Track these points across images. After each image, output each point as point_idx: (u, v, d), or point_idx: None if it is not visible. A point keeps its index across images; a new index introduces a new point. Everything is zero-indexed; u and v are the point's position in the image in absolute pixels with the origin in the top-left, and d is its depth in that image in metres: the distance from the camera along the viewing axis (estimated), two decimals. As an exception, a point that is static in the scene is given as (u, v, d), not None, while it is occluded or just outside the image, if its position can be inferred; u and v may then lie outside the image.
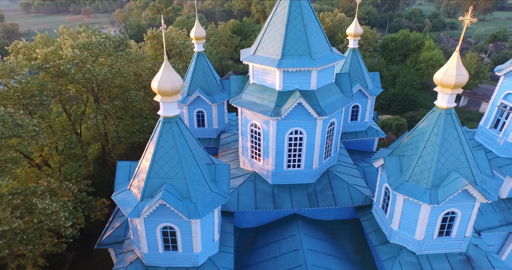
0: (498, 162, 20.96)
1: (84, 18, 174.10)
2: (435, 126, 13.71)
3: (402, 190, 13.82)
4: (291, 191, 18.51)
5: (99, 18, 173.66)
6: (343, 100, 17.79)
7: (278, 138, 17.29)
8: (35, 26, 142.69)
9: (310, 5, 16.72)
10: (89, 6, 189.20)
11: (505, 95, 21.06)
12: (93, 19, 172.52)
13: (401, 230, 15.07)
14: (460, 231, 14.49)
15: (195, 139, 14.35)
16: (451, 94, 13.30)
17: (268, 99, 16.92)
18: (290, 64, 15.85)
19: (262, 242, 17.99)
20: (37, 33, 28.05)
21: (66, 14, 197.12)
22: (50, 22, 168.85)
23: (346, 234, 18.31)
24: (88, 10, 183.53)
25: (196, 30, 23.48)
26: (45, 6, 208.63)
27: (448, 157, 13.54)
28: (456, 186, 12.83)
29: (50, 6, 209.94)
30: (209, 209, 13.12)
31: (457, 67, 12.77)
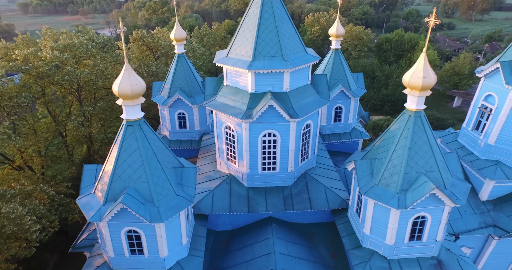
0: (479, 164, 20.77)
1: (82, 19, 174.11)
2: (405, 129, 13.49)
3: (371, 194, 13.59)
4: (266, 194, 18.29)
5: (97, 18, 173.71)
6: (319, 101, 17.57)
7: (252, 141, 17.08)
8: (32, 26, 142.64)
9: (283, 6, 16.52)
10: (87, 7, 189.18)
11: (485, 96, 20.88)
12: (91, 19, 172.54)
13: (372, 235, 14.84)
14: (431, 235, 14.25)
15: (161, 142, 14.15)
16: (419, 96, 13.08)
17: (240, 101, 16.71)
18: (261, 65, 15.65)
19: (236, 245, 17.78)
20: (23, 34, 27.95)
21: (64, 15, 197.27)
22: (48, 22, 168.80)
23: (323, 238, 18.08)
24: (86, 11, 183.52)
25: (176, 31, 23.31)
26: (43, 6, 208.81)
27: (417, 161, 13.31)
28: (423, 191, 12.61)
29: (48, 7, 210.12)
30: (173, 213, 12.92)
31: (424, 69, 12.56)
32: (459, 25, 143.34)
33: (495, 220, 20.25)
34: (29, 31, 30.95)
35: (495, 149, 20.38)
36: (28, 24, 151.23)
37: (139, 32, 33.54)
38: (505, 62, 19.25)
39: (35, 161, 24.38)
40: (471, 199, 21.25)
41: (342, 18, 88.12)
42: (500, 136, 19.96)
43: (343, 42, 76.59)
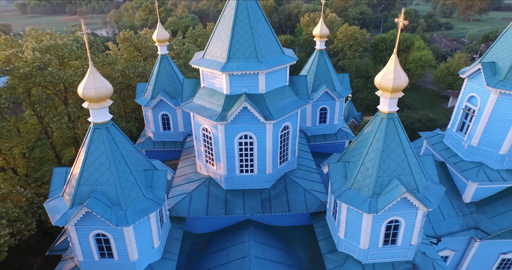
0: (462, 166, 20.59)
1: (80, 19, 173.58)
2: (377, 131, 13.30)
3: (343, 198, 13.40)
4: (244, 196, 18.10)
5: (95, 18, 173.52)
6: (297, 103, 17.37)
7: (228, 143, 16.90)
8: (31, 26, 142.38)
9: (258, 7, 16.33)
10: (85, 7, 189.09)
11: (468, 97, 20.70)
12: (89, 19, 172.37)
13: (347, 239, 14.65)
14: (405, 239, 14.04)
15: (132, 144, 13.97)
16: (391, 98, 12.88)
17: (216, 103, 16.54)
18: (235, 67, 15.46)
19: (214, 248, 17.60)
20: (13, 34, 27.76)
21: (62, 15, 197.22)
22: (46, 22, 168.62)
23: (301, 241, 17.88)
24: (84, 11, 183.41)
25: (158, 32, 23.14)
26: (41, 6, 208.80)
27: (390, 164, 13.10)
28: (395, 195, 12.40)
29: (46, 7, 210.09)
30: (140, 216, 12.76)
31: (395, 71, 12.35)
32: (457, 25, 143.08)
33: (477, 222, 20.05)
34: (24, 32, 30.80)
35: (478, 151, 20.19)
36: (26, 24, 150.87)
37: (126, 33, 33.37)
38: (486, 63, 19.06)
39: (18, 163, 24.21)
40: (454, 202, 21.07)
41: (338, 18, 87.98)
42: (482, 137, 19.77)
43: (339, 42, 76.45)
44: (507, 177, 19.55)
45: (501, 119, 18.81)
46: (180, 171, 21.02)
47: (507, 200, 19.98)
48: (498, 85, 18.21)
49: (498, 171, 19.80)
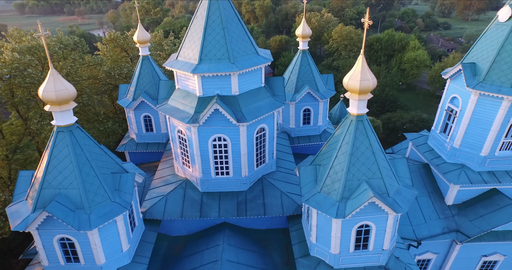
0: (444, 167, 20.35)
1: (78, 19, 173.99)
2: (347, 134, 13.06)
3: (312, 202, 13.16)
4: (220, 199, 17.90)
5: (93, 18, 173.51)
6: (272, 104, 17.15)
7: (202, 145, 16.70)
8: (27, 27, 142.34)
9: (232, 7, 16.11)
10: (84, 7, 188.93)
11: (451, 98, 20.45)
12: (87, 20, 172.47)
13: (318, 243, 14.42)
14: (377, 244, 13.80)
15: (99, 147, 13.76)
16: (359, 100, 12.63)
17: (189, 105, 16.34)
18: (206, 69, 15.25)
19: (189, 251, 17.40)
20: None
21: (61, 15, 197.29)
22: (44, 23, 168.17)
23: (278, 245, 17.67)
24: (82, 11, 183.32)
25: (138, 33, 22.95)
26: (39, 7, 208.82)
27: (359, 167, 12.86)
28: (362, 199, 12.16)
29: (44, 7, 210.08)
30: (105, 220, 12.56)
31: (362, 72, 12.11)
32: (455, 25, 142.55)
33: (458, 225, 19.81)
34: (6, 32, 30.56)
35: (460, 153, 19.96)
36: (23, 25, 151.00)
37: (112, 34, 33.19)
38: (466, 64, 18.82)
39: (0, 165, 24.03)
40: (437, 204, 20.83)
41: (334, 18, 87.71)
42: (464, 139, 19.53)
43: (334, 42, 76.11)
44: (488, 179, 19.31)
45: (482, 121, 18.57)
46: (159, 173, 20.84)
47: (488, 203, 19.75)
48: (478, 86, 17.98)
49: (480, 173, 19.56)
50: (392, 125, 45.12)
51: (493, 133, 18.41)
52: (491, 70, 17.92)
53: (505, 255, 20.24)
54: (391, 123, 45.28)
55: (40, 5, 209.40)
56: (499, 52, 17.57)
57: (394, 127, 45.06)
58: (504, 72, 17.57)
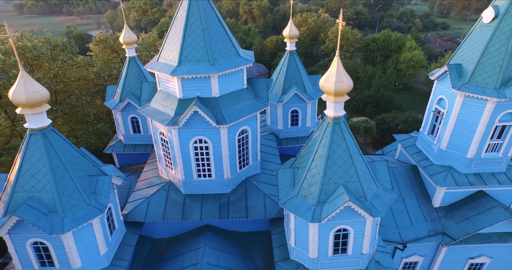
0: (432, 170, 20.20)
1: (77, 19, 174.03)
2: (323, 137, 12.91)
3: (288, 205, 13.02)
4: (203, 201, 17.78)
5: (92, 19, 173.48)
6: (254, 106, 17.01)
7: (183, 147, 16.58)
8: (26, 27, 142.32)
9: (212, 8, 15.98)
10: (82, 7, 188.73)
11: (438, 100, 20.30)
12: (85, 20, 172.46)
13: (297, 247, 14.29)
14: (356, 248, 13.65)
15: (76, 150, 13.64)
16: (335, 102, 12.46)
17: (170, 107, 16.22)
18: (185, 71, 15.12)
19: (171, 254, 17.26)
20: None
21: (59, 15, 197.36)
22: (42, 23, 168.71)
23: (260, 248, 17.53)
24: (81, 11, 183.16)
25: (124, 35, 22.80)
26: (38, 7, 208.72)
27: (336, 171, 12.71)
28: (338, 203, 12.01)
29: (43, 7, 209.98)
30: (79, 223, 12.45)
31: (337, 73, 11.93)
32: (453, 25, 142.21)
33: (444, 228, 19.66)
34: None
35: (447, 155, 19.82)
36: (22, 25, 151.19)
37: (102, 35, 33.05)
38: (452, 65, 18.66)
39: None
40: (424, 206, 20.67)
41: (331, 18, 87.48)
42: (450, 141, 19.39)
43: (330, 43, 75.89)
44: (474, 181, 19.16)
45: (467, 122, 18.43)
46: (144, 175, 20.73)
47: (474, 205, 19.59)
48: (463, 88, 17.83)
49: (466, 175, 19.42)
50: (386, 125, 44.95)
51: (479, 135, 18.26)
52: (475, 71, 17.77)
53: (491, 257, 20.09)
54: (385, 123, 45.11)
55: (39, 5, 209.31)
56: (483, 53, 17.42)
57: (388, 128, 44.89)
58: (488, 74, 17.43)
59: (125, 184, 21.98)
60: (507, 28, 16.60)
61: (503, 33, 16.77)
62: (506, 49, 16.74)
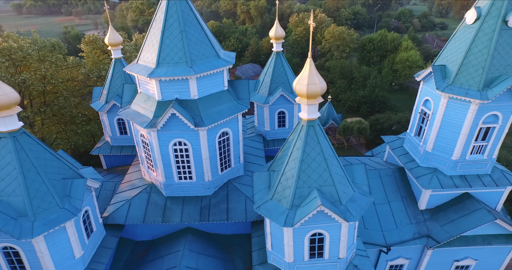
0: (417, 172, 20.05)
1: (76, 20, 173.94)
2: (298, 140, 12.76)
3: (262, 209, 12.87)
4: (184, 204, 17.67)
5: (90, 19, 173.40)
6: (235, 108, 16.88)
7: (162, 150, 16.46)
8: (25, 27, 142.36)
9: (191, 10, 15.83)
10: (81, 7, 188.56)
11: (424, 101, 20.14)
12: (84, 20, 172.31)
13: (274, 251, 14.15)
14: (332, 252, 13.49)
15: (50, 153, 13.52)
16: (308, 105, 12.30)
17: (149, 109, 16.11)
18: (163, 73, 15.00)
19: (152, 256, 17.15)
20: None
21: (58, 16, 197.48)
22: (41, 23, 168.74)
23: (242, 250, 17.40)
24: (79, 11, 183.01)
25: (109, 36, 22.70)
26: (37, 7, 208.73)
27: (310, 174, 12.55)
28: (310, 207, 11.86)
29: (42, 7, 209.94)
30: (50, 227, 12.33)
31: (310, 76, 11.76)
32: (452, 25, 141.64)
33: (429, 230, 19.50)
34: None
35: (432, 157, 19.67)
36: (21, 25, 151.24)
37: (91, 36, 32.95)
38: (437, 66, 18.51)
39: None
40: (409, 209, 20.51)
41: (328, 18, 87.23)
42: (436, 142, 19.25)
43: (326, 43, 75.71)
44: (460, 183, 19.01)
45: (452, 124, 18.27)
46: (128, 176, 20.62)
47: (459, 207, 19.43)
48: (447, 89, 17.68)
49: (452, 177, 19.26)
50: (380, 126, 44.74)
51: (463, 137, 18.11)
52: (459, 73, 17.62)
53: (476, 260, 19.94)
54: (379, 124, 44.91)
55: (38, 5, 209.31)
56: (467, 54, 17.26)
57: (381, 129, 44.69)
58: (472, 75, 17.27)
59: (110, 186, 21.91)
60: (489, 29, 16.44)
61: (485, 34, 16.60)
62: (488, 51, 16.57)
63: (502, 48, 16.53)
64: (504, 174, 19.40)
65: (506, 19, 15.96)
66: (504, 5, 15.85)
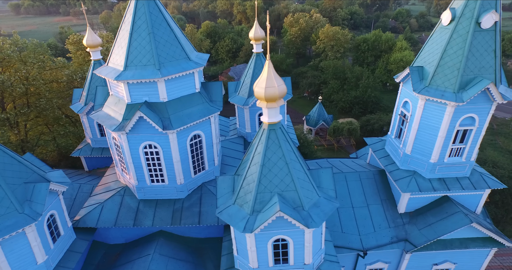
0: (397, 174, 19.81)
1: (73, 20, 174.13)
2: (259, 144, 12.55)
3: (224, 214, 12.67)
4: (157, 207, 17.50)
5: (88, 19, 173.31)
6: (206, 110, 16.68)
7: (133, 152, 16.30)
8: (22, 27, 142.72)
9: (160, 12, 15.63)
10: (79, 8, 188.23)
11: (403, 103, 19.91)
12: (82, 20, 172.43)
13: (239, 256, 13.98)
14: (297, 259, 13.27)
15: (11, 157, 13.37)
16: (268, 108, 12.07)
17: (119, 112, 15.95)
18: (130, 76, 14.83)
19: (123, 260, 16.99)
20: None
21: (56, 16, 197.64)
22: (39, 23, 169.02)
23: (214, 254, 17.20)
24: (77, 12, 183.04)
25: (87, 37, 22.52)
26: (35, 7, 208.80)
27: (271, 179, 12.33)
28: (270, 213, 11.66)
29: (40, 7, 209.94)
30: (6, 233, 12.24)
31: (268, 78, 11.53)
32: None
33: (407, 234, 19.28)
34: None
35: (411, 159, 19.43)
36: (18, 25, 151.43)
37: (75, 37, 32.80)
38: (414, 68, 18.27)
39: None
40: (389, 212, 20.28)
41: (323, 18, 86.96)
42: (415, 145, 19.02)
43: (321, 43, 75.41)
44: (438, 186, 18.77)
45: (430, 126, 18.05)
46: (104, 179, 20.48)
47: (438, 210, 19.20)
48: (423, 91, 17.45)
49: (430, 180, 19.02)
50: (371, 127, 44.47)
51: (441, 139, 17.88)
52: (435, 74, 17.39)
53: (455, 263, 19.71)
54: (370, 125, 44.62)
55: (36, 5, 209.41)
56: (442, 56, 17.02)
57: (372, 130, 44.43)
58: (447, 77, 17.04)
59: (88, 188, 21.77)
60: (463, 31, 16.21)
61: (460, 35, 16.37)
62: (463, 52, 16.33)
63: (476, 49, 16.31)
64: (483, 176, 19.16)
65: (479, 21, 15.72)
66: (477, 7, 15.61)
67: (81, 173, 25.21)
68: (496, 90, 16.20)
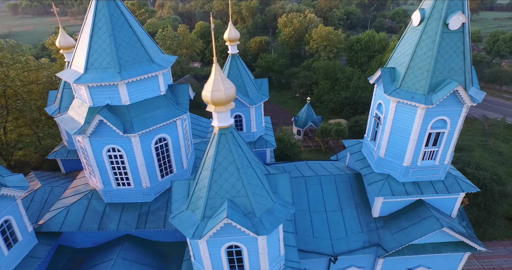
0: (370, 178, 19.49)
1: (71, 20, 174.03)
2: (210, 149, 12.28)
3: (176, 220, 12.40)
4: (123, 210, 17.29)
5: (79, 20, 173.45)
6: (170, 113, 16.43)
7: (96, 156, 16.10)
8: (20, 27, 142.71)
9: (122, 14, 15.36)
10: (77, 8, 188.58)
11: (378, 104, 19.59)
12: (79, 20, 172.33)
13: (196, 262, 13.74)
14: (253, 266, 12.98)
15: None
16: (217, 112, 11.76)
17: (82, 115, 15.75)
18: (90, 79, 14.60)
19: (87, 265, 16.79)
20: None
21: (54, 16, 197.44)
22: (36, 23, 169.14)
23: (180, 259, 16.97)
24: (75, 12, 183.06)
25: (60, 39, 22.29)
26: (32, 7, 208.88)
27: (222, 185, 12.02)
28: (218, 219, 11.38)
29: (38, 8, 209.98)
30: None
31: (215, 82, 11.24)
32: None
33: (380, 239, 18.97)
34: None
35: (385, 162, 19.11)
36: (16, 25, 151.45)
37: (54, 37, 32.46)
38: (386, 69, 17.95)
39: None
40: (362, 216, 19.96)
41: (318, 18, 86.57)
42: (388, 148, 18.70)
43: (314, 43, 74.99)
44: (411, 190, 18.44)
45: (402, 129, 17.72)
46: (75, 182, 20.27)
47: (411, 215, 18.87)
48: (394, 93, 17.15)
49: (404, 184, 18.69)
50: (359, 128, 44.10)
51: (413, 142, 17.55)
52: (406, 76, 17.07)
53: (429, 268, 19.41)
54: (358, 126, 44.25)
55: (33, 5, 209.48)
56: (413, 57, 16.70)
57: (361, 131, 44.04)
58: (418, 78, 16.73)
59: (60, 191, 21.58)
60: (432, 32, 15.89)
61: (429, 37, 16.05)
62: (432, 54, 16.02)
63: (445, 51, 15.98)
64: (457, 180, 18.83)
65: (447, 22, 15.42)
66: (444, 8, 15.30)
67: (57, 175, 25.00)
68: (464, 93, 15.88)
